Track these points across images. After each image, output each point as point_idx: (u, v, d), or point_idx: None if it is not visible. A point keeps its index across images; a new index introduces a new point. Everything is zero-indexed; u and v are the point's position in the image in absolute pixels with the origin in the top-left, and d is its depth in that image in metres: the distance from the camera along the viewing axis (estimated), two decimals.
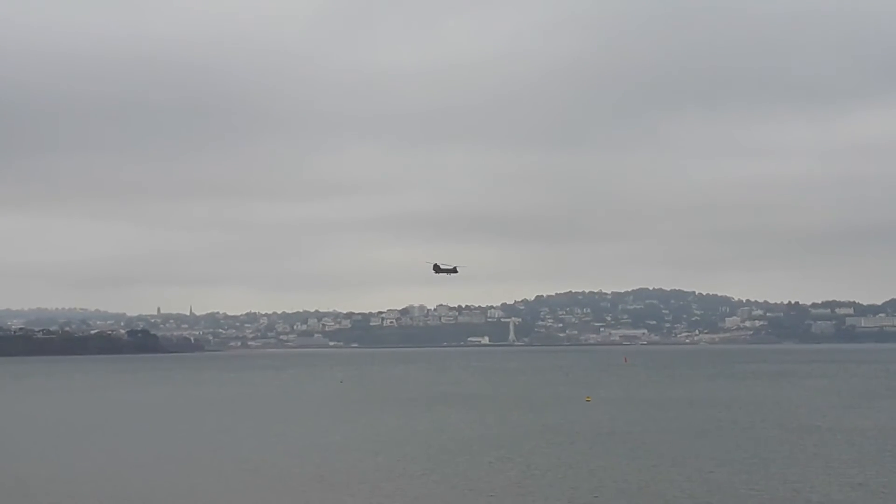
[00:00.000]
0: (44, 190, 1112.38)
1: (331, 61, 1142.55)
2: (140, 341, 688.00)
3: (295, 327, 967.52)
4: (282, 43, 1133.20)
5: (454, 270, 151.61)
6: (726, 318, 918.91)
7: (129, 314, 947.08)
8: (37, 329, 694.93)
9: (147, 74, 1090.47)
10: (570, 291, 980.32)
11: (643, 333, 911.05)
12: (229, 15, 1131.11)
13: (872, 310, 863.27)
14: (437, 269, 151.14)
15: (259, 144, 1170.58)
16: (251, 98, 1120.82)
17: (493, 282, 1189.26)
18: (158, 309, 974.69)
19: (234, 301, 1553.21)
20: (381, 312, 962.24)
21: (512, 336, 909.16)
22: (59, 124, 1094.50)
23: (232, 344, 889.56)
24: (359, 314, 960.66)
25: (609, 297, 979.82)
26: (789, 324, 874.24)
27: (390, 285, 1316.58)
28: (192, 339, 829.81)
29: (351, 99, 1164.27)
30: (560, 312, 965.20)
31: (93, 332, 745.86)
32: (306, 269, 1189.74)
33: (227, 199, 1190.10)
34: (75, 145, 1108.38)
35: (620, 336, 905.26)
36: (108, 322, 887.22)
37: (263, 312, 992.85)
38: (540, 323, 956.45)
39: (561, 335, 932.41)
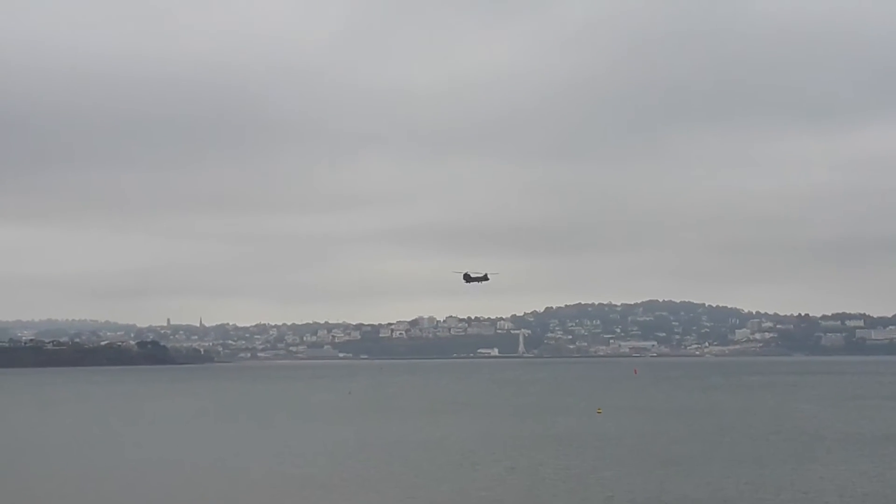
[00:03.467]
0: (55, 203, 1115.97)
1: (346, 78, 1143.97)
2: (150, 352, 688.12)
3: (305, 339, 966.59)
4: (298, 61, 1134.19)
5: (485, 278, 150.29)
6: (736, 331, 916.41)
7: (139, 325, 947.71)
8: (47, 340, 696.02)
9: (165, 90, 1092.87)
10: (580, 303, 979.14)
11: (653, 345, 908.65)
12: (246, 33, 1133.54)
13: (883, 322, 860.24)
14: (467, 278, 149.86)
15: (271, 158, 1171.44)
16: (266, 113, 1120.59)
17: (503, 293, 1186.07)
18: (168, 320, 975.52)
19: (243, 312, 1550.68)
20: (390, 324, 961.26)
21: (521, 348, 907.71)
22: (73, 137, 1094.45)
23: (241, 355, 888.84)
24: (368, 326, 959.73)
25: (619, 308, 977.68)
26: (799, 336, 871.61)
27: (400, 297, 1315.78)
28: (201, 350, 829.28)
29: (365, 114, 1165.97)
30: (570, 324, 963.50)
31: (103, 343, 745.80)
32: (316, 280, 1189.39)
33: (237, 211, 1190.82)
34: (87, 158, 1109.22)
35: (630, 348, 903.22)
36: (119, 333, 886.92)
37: (273, 324, 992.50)
38: (549, 335, 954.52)
39: (570, 347, 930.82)
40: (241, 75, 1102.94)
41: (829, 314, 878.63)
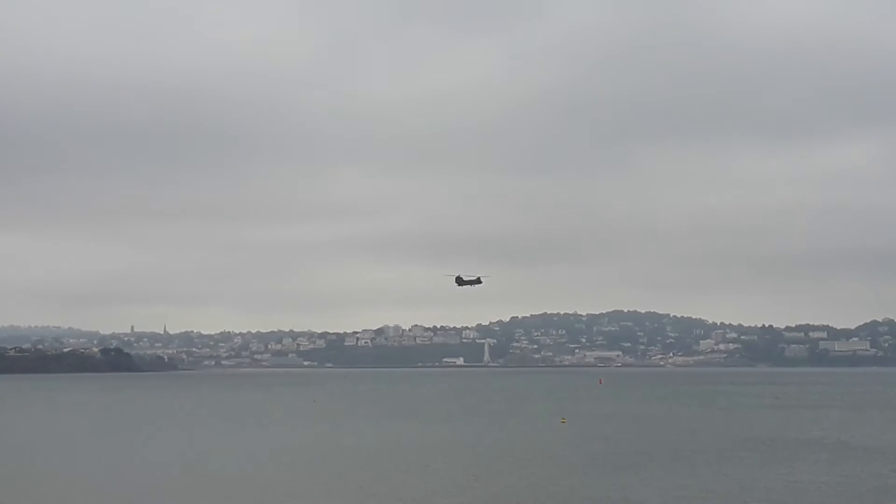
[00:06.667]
0: (19, 210, 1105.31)
1: (321, 90, 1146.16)
2: (113, 360, 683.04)
3: (269, 347, 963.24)
4: (274, 72, 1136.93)
5: (478, 281, 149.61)
6: (700, 341, 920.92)
7: (102, 332, 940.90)
8: (9, 347, 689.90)
9: (139, 98, 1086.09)
10: (546, 313, 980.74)
11: (618, 355, 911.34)
12: (225, 44, 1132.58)
13: (845, 334, 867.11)
14: (459, 281, 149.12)
15: (241, 168, 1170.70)
16: (238, 123, 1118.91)
17: (469, 303, 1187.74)
18: (132, 327, 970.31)
19: (208, 320, 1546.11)
20: (355, 332, 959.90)
21: (487, 357, 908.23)
22: (43, 145, 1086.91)
23: (206, 363, 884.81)
24: (333, 334, 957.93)
25: (584, 318, 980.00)
26: (763, 347, 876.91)
27: (365, 306, 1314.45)
28: (165, 357, 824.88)
29: (337, 126, 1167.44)
30: (535, 334, 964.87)
31: (66, 350, 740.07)
32: (281, 288, 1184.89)
33: (203, 219, 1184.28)
34: (54, 167, 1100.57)
35: (595, 358, 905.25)
36: (82, 340, 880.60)
37: (238, 332, 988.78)
38: (515, 344, 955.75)
39: (536, 356, 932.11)
40: (216, 85, 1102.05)
41: (793, 326, 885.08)
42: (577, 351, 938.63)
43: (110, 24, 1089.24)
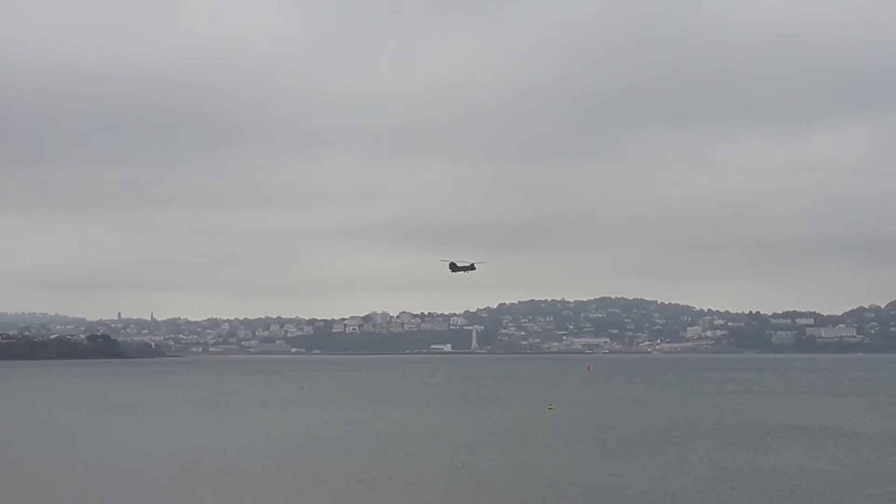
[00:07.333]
0: (6, 196, 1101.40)
1: (313, 78, 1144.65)
2: (100, 346, 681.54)
3: (257, 333, 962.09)
4: (267, 60, 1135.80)
5: (472, 267, 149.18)
6: (688, 328, 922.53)
7: (89, 319, 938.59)
8: None
9: (131, 86, 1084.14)
10: (533, 299, 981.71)
11: (605, 342, 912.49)
12: (218, 32, 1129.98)
13: (832, 320, 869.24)
14: (453, 267, 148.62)
15: (229, 155, 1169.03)
16: (228, 111, 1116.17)
17: (457, 289, 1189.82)
18: (119, 314, 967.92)
19: (195, 307, 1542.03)
20: (343, 319, 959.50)
21: (475, 344, 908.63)
22: (31, 132, 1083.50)
23: (193, 350, 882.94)
24: (321, 321, 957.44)
25: (572, 305, 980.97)
26: (750, 333, 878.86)
27: (353, 292, 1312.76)
28: (152, 344, 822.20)
29: (324, 114, 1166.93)
30: (523, 320, 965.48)
31: (53, 336, 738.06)
32: (269, 275, 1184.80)
33: (191, 206, 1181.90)
34: (43, 154, 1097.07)
35: (583, 344, 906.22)
36: (68, 327, 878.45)
37: (225, 318, 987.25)
38: (502, 331, 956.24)
39: (523, 343, 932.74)
40: (206, 74, 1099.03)
41: (780, 312, 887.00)
42: (564, 337, 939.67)
43: (104, 13, 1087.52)
